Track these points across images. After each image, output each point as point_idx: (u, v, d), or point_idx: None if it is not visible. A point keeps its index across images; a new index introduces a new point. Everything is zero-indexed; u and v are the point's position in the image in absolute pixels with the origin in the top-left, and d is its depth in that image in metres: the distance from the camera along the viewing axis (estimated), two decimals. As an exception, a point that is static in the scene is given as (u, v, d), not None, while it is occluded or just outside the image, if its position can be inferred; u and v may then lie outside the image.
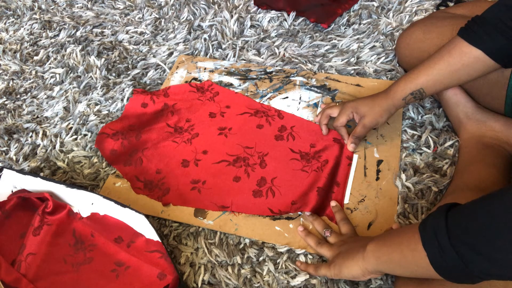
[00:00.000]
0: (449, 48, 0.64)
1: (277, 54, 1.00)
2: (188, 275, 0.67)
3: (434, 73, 0.65)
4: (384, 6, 1.08)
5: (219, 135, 0.85)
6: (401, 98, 0.69)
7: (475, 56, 0.61)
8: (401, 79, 0.70)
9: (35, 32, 1.18)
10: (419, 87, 0.67)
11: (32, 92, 1.01)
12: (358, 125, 0.74)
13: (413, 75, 0.68)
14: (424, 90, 0.67)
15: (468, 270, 0.42)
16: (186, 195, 0.76)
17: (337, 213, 0.69)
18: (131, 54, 1.07)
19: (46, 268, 0.67)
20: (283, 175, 0.77)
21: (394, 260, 0.50)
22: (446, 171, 0.73)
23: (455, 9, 0.86)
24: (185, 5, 1.18)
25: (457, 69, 0.63)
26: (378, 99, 0.72)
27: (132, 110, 0.90)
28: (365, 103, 0.73)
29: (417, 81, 0.67)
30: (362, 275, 0.56)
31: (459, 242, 0.42)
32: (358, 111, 0.74)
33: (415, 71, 0.68)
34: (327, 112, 0.79)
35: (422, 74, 0.67)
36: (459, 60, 0.63)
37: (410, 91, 0.68)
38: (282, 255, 0.67)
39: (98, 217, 0.71)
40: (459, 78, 0.65)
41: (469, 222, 0.42)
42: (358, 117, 0.74)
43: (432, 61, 0.66)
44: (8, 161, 0.85)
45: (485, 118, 0.72)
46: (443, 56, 0.65)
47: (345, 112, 0.75)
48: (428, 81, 0.66)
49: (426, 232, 0.46)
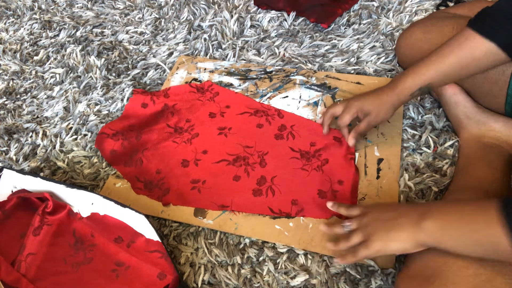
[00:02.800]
0: (459, 41, 0.62)
1: (277, 54, 1.00)
2: (188, 275, 0.67)
3: (444, 67, 0.63)
4: (384, 6, 1.08)
5: (219, 135, 0.85)
6: (408, 94, 0.67)
7: (487, 49, 0.60)
8: (408, 74, 0.67)
9: (35, 32, 1.19)
10: (428, 82, 0.65)
11: (32, 92, 1.01)
12: (363, 122, 0.72)
13: (421, 70, 0.65)
14: (432, 85, 0.66)
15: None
16: (186, 195, 0.76)
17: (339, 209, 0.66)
18: (131, 54, 1.07)
19: (46, 268, 0.67)
20: (283, 174, 0.77)
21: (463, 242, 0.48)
22: (446, 171, 0.73)
23: (455, 9, 0.86)
24: (185, 5, 1.18)
25: (467, 63, 0.62)
26: (384, 95, 0.70)
27: (132, 110, 0.90)
28: (370, 101, 0.71)
29: (426, 76, 0.65)
30: (414, 248, 0.52)
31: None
32: (364, 110, 0.72)
33: (423, 65, 0.65)
34: (331, 112, 0.77)
35: (431, 69, 0.64)
36: (470, 54, 0.61)
37: (418, 86, 0.66)
38: (282, 255, 0.67)
39: (98, 217, 0.71)
40: (468, 72, 0.63)
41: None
42: (363, 115, 0.72)
43: (441, 54, 0.64)
44: (8, 161, 0.85)
45: (485, 118, 0.72)
46: (453, 49, 0.63)
47: (350, 112, 0.73)
48: (437, 76, 0.64)
49: None
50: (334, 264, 0.65)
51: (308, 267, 0.66)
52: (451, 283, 0.48)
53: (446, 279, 0.49)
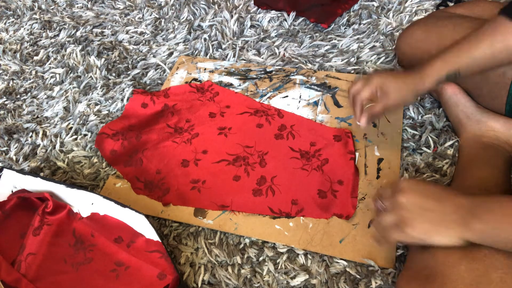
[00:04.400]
0: (492, 28, 0.59)
1: (277, 54, 1.00)
2: (188, 275, 0.67)
3: (476, 54, 0.60)
4: (384, 6, 1.08)
5: (219, 134, 0.85)
6: (435, 80, 0.62)
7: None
8: (436, 59, 0.62)
9: (35, 32, 1.19)
10: (457, 69, 0.61)
11: (32, 92, 1.01)
12: (379, 103, 0.66)
13: (451, 55, 0.61)
14: (460, 73, 0.61)
15: None
16: (186, 195, 0.76)
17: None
18: (131, 54, 1.07)
19: (46, 268, 0.67)
20: (283, 174, 0.77)
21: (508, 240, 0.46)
22: (446, 171, 0.73)
23: (455, 9, 0.86)
24: (185, 5, 1.18)
25: (500, 51, 0.59)
26: (409, 78, 0.64)
27: (132, 110, 0.90)
28: (393, 80, 0.65)
29: (456, 62, 0.61)
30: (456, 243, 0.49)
31: None
32: (384, 88, 0.65)
33: (453, 50, 0.61)
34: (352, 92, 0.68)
35: (463, 55, 0.60)
36: (502, 41, 0.58)
37: (446, 72, 0.61)
38: (282, 255, 0.67)
39: (98, 217, 0.71)
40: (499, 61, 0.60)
41: None
42: (382, 94, 0.65)
43: (474, 41, 0.60)
44: (8, 161, 0.85)
45: (485, 118, 0.72)
46: (486, 36, 0.59)
47: (370, 87, 0.66)
48: (468, 64, 0.61)
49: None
50: (334, 264, 0.65)
51: (308, 267, 0.66)
52: (450, 281, 0.48)
53: (444, 278, 0.49)
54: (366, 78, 0.67)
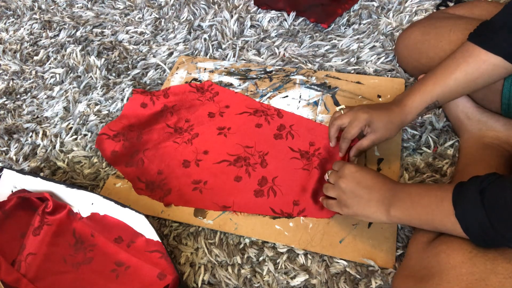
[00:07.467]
0: (464, 55, 0.62)
1: (277, 54, 1.00)
2: (188, 275, 0.67)
3: (451, 83, 0.63)
4: (384, 6, 1.08)
5: (219, 135, 0.85)
6: (416, 114, 0.66)
7: (494, 63, 0.59)
8: (415, 92, 0.66)
9: (35, 32, 1.19)
10: (435, 100, 0.65)
11: (32, 92, 1.01)
12: (367, 139, 0.69)
13: (428, 87, 0.65)
14: (439, 102, 0.65)
15: (507, 243, 0.46)
16: (187, 196, 0.76)
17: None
18: (131, 54, 1.07)
19: (46, 268, 0.67)
20: (284, 174, 0.77)
21: (420, 222, 0.54)
22: (446, 171, 0.73)
23: (455, 9, 0.86)
24: (185, 5, 1.18)
25: (474, 78, 0.61)
26: (393, 114, 0.67)
27: (131, 110, 0.90)
28: (379, 117, 0.67)
29: (432, 94, 0.64)
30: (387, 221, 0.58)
31: (503, 229, 0.45)
32: (372, 125, 0.68)
33: (429, 82, 0.65)
34: (337, 123, 0.71)
35: (438, 86, 0.64)
36: (476, 68, 0.61)
37: (426, 105, 0.65)
38: (282, 255, 0.67)
39: (98, 217, 0.71)
40: (476, 86, 0.63)
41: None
42: (369, 130, 0.68)
43: (448, 70, 0.63)
44: (8, 161, 0.85)
45: (485, 118, 0.72)
46: (459, 64, 0.62)
47: (358, 125, 0.68)
48: (444, 93, 0.64)
49: (464, 218, 0.48)
50: (334, 264, 0.65)
51: (308, 267, 0.66)
52: (446, 282, 0.48)
53: (441, 278, 0.49)
54: (353, 112, 0.69)
